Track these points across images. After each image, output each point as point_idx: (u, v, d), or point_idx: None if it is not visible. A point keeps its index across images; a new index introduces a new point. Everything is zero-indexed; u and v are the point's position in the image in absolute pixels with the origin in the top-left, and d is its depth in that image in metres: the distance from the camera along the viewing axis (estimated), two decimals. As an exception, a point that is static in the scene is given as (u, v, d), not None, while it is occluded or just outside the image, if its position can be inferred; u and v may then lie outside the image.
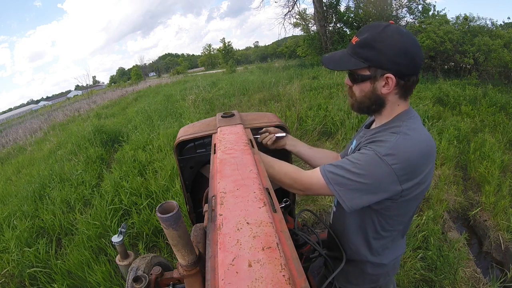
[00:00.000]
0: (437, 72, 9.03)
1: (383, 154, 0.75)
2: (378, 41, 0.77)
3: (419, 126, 0.82)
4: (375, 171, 0.76)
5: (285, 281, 0.43)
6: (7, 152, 9.03)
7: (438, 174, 3.41)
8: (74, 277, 2.30)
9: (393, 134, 0.78)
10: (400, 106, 0.85)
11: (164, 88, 16.97)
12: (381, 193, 0.78)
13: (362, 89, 0.85)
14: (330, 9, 14.84)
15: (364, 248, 0.94)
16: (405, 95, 0.84)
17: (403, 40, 0.76)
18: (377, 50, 0.77)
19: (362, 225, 0.92)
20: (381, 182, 0.76)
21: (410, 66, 0.78)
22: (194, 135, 1.25)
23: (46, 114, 19.59)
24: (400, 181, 0.76)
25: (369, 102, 0.86)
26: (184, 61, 71.14)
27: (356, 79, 0.84)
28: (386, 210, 0.85)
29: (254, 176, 0.74)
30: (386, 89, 0.81)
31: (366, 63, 0.80)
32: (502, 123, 4.64)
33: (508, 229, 2.60)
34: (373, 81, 0.82)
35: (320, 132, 4.68)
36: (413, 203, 0.84)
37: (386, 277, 1.00)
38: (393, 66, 0.77)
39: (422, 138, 0.79)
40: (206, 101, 8.10)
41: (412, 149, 0.75)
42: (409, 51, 0.76)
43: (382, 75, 0.79)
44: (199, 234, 0.83)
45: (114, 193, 3.34)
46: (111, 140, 5.72)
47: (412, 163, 0.75)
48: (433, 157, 0.80)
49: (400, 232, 0.93)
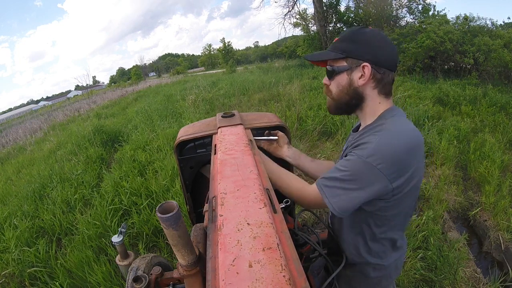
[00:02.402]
0: (437, 72, 9.03)
1: (367, 156, 0.76)
2: (356, 35, 0.83)
3: (402, 122, 0.82)
4: (362, 175, 0.77)
5: (285, 282, 0.43)
6: (7, 152, 9.03)
7: (438, 174, 3.41)
8: (74, 277, 2.30)
9: (375, 134, 0.80)
10: (382, 104, 0.86)
11: (164, 88, 16.97)
12: (372, 194, 0.79)
13: (339, 83, 0.88)
14: (330, 9, 14.84)
15: (363, 250, 0.93)
16: (384, 92, 0.85)
17: (380, 37, 0.82)
18: (356, 42, 0.83)
19: (358, 228, 0.91)
20: (371, 185, 0.77)
21: (387, 59, 0.82)
22: (194, 135, 1.25)
23: (46, 114, 19.59)
24: (389, 180, 0.76)
25: (347, 98, 0.88)
26: (184, 61, 71.18)
27: (334, 72, 0.88)
28: (380, 211, 0.84)
29: (254, 177, 0.75)
30: (362, 80, 0.83)
31: (343, 54, 0.84)
32: (502, 123, 4.64)
33: (508, 229, 2.60)
34: (350, 72, 0.85)
35: (320, 132, 4.68)
36: (407, 200, 0.83)
37: (388, 279, 0.98)
38: (370, 56, 0.81)
39: (406, 133, 0.79)
40: (206, 101, 8.10)
41: (395, 146, 0.75)
42: (385, 46, 0.82)
43: (358, 65, 0.83)
44: (199, 234, 0.83)
45: (114, 193, 3.34)
46: (111, 140, 5.72)
47: (398, 159, 0.75)
48: (420, 150, 0.80)
49: (398, 232, 0.92)
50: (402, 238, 0.96)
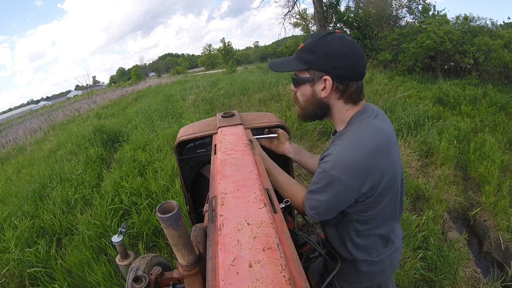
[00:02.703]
0: (437, 72, 9.03)
1: (330, 169, 0.78)
2: (318, 46, 0.81)
3: (366, 125, 0.82)
4: (331, 187, 0.80)
5: (285, 282, 0.43)
6: (7, 152, 9.03)
7: (438, 174, 3.41)
8: (74, 277, 2.30)
9: (336, 144, 0.82)
10: (350, 111, 0.86)
11: (164, 88, 16.97)
12: (345, 202, 0.82)
13: (304, 93, 0.88)
14: (330, 9, 14.81)
15: (351, 247, 0.94)
16: (351, 100, 0.85)
17: (342, 46, 0.79)
18: (316, 53, 0.81)
19: (343, 226, 0.93)
20: (341, 195, 0.80)
21: (348, 70, 0.80)
22: (194, 135, 1.25)
23: (46, 114, 19.60)
24: (356, 187, 0.78)
25: (312, 108, 0.89)
26: (184, 61, 71.21)
27: (297, 82, 0.88)
28: (360, 212, 0.86)
29: (254, 177, 0.75)
30: (324, 92, 0.83)
31: (305, 65, 0.84)
32: (502, 123, 4.64)
33: (508, 229, 2.60)
34: (312, 84, 0.85)
35: (320, 132, 4.68)
36: (385, 198, 0.84)
37: (382, 275, 0.99)
38: (330, 69, 0.80)
39: (366, 138, 0.79)
40: (206, 101, 8.10)
41: (354, 155, 0.77)
42: (348, 56, 0.79)
43: (320, 77, 0.82)
44: (199, 234, 0.83)
45: (114, 193, 3.34)
46: (111, 140, 5.72)
47: (359, 167, 0.77)
48: (384, 149, 0.80)
49: (385, 228, 0.92)
50: (392, 233, 0.96)
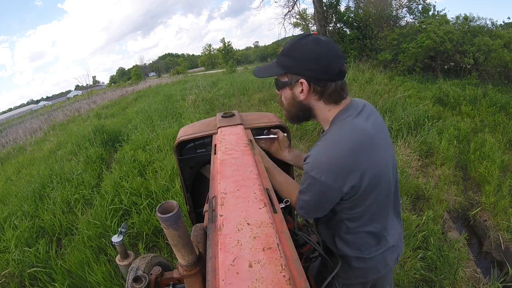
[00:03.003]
0: (437, 72, 9.03)
1: (310, 171, 0.79)
2: (293, 50, 0.83)
3: (346, 123, 0.82)
4: (314, 188, 0.81)
5: (285, 282, 0.43)
6: (7, 152, 9.03)
7: (438, 174, 3.41)
8: (74, 277, 2.30)
9: (316, 145, 0.84)
10: (332, 111, 0.87)
11: (164, 88, 16.97)
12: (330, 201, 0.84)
13: (285, 96, 0.90)
14: (330, 9, 14.80)
15: (341, 243, 0.95)
16: (332, 100, 0.85)
17: (317, 48, 0.80)
18: (292, 57, 0.83)
19: (333, 224, 0.95)
20: (324, 194, 0.82)
21: (323, 72, 0.81)
22: (194, 135, 1.25)
23: (46, 114, 19.60)
24: (337, 187, 0.78)
25: (295, 110, 0.90)
26: (184, 61, 71.22)
27: (279, 86, 0.90)
28: (347, 210, 0.87)
29: (254, 177, 0.75)
30: (302, 95, 0.85)
31: (283, 70, 0.86)
32: (502, 123, 4.64)
33: (508, 229, 2.60)
34: (291, 87, 0.87)
35: (320, 132, 4.68)
36: (371, 195, 0.84)
37: (375, 272, 0.98)
38: (306, 72, 0.82)
39: (344, 137, 0.80)
40: (206, 101, 8.10)
41: (332, 154, 0.78)
42: (321, 58, 0.80)
43: (296, 80, 0.84)
44: (199, 234, 0.83)
45: (114, 193, 3.34)
46: (111, 140, 5.72)
47: (338, 167, 0.77)
48: (365, 146, 0.80)
49: (375, 225, 0.91)
50: (385, 231, 0.94)
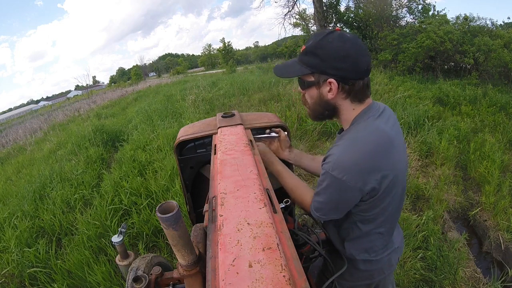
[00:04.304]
0: (437, 72, 9.03)
1: (331, 170, 0.78)
2: (319, 48, 0.80)
3: (368, 124, 0.81)
4: (334, 188, 0.80)
5: (285, 282, 0.43)
6: (7, 152, 9.03)
7: (438, 174, 3.41)
8: (74, 277, 2.30)
9: (338, 145, 0.82)
10: (355, 110, 0.86)
11: (164, 88, 16.96)
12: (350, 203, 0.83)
13: (311, 96, 0.88)
14: (330, 9, 14.81)
15: (350, 246, 0.95)
16: (358, 99, 0.84)
17: (344, 45, 0.78)
18: (319, 56, 0.80)
19: (345, 226, 0.94)
20: (344, 195, 0.80)
21: (352, 70, 0.79)
22: (194, 135, 1.25)
23: (46, 114, 19.60)
24: (358, 188, 0.77)
25: (320, 109, 0.88)
26: (184, 61, 71.14)
27: (304, 85, 0.88)
28: (362, 212, 0.86)
29: (254, 177, 0.75)
30: (330, 94, 0.83)
31: (309, 69, 0.83)
32: (502, 123, 4.64)
33: (508, 229, 2.60)
34: (318, 87, 0.84)
35: (320, 132, 4.68)
36: (387, 198, 0.84)
37: (381, 274, 1.00)
38: (334, 71, 0.79)
39: (367, 138, 0.79)
40: (206, 101, 8.10)
41: (355, 155, 0.77)
42: (349, 56, 0.77)
43: (325, 80, 0.82)
44: (199, 234, 0.83)
45: (114, 193, 3.34)
46: (111, 140, 5.72)
47: (360, 168, 0.76)
48: (387, 149, 0.79)
49: (387, 228, 0.93)
50: (392, 233, 0.96)
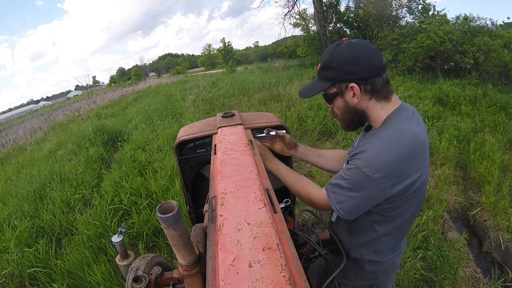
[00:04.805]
0: (437, 72, 9.03)
1: (363, 167, 0.78)
2: (332, 60, 0.85)
3: (403, 125, 0.82)
4: (362, 184, 0.80)
5: (285, 282, 0.43)
6: (7, 152, 9.02)
7: (438, 174, 3.41)
8: (74, 277, 2.30)
9: (372, 142, 0.82)
10: (384, 109, 0.86)
11: (164, 88, 16.95)
12: (374, 201, 0.83)
13: (338, 106, 0.91)
14: (330, 9, 14.83)
15: (362, 247, 0.95)
16: (382, 96, 0.85)
17: (353, 51, 0.82)
18: (333, 68, 0.85)
19: (362, 226, 0.93)
20: (371, 193, 0.80)
21: (367, 69, 0.82)
22: (194, 135, 1.25)
23: (46, 114, 19.60)
24: (387, 188, 0.78)
25: (350, 117, 0.91)
26: (184, 61, 71.11)
27: (329, 99, 0.91)
28: (383, 212, 0.86)
29: (254, 177, 0.75)
30: (355, 99, 0.86)
31: (329, 82, 0.87)
32: (502, 123, 4.64)
33: (508, 229, 2.60)
34: (342, 95, 0.88)
35: (320, 132, 4.68)
36: (411, 201, 0.85)
37: (385, 275, 1.01)
38: (351, 75, 0.83)
39: (403, 139, 0.79)
40: (206, 101, 8.10)
41: (390, 155, 0.77)
42: (361, 58, 0.82)
43: (346, 87, 0.85)
44: (199, 234, 0.83)
45: (114, 193, 3.34)
46: (111, 140, 5.73)
47: (393, 167, 0.77)
48: (419, 154, 0.80)
49: (400, 231, 0.94)
50: (403, 238, 0.99)
